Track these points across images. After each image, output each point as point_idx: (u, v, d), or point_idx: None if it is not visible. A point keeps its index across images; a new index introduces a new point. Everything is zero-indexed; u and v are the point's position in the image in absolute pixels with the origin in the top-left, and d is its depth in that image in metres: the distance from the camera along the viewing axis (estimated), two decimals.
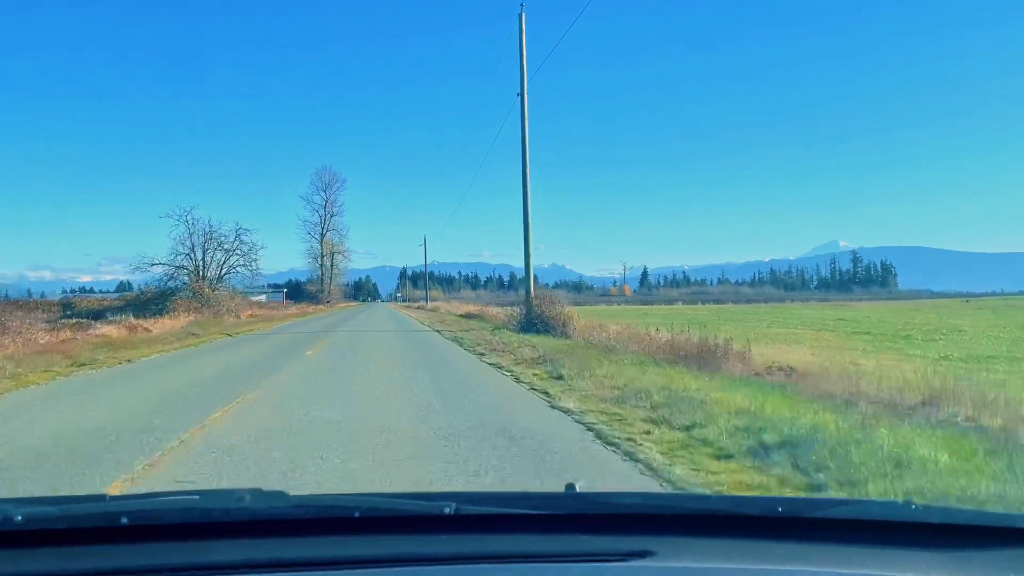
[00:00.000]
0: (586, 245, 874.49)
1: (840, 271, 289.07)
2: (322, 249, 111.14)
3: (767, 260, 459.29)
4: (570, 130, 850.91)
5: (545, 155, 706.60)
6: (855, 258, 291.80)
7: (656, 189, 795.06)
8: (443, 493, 1.90)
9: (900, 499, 3.83)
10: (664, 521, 1.70)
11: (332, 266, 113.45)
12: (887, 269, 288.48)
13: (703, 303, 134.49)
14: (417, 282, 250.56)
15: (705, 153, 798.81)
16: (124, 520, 1.52)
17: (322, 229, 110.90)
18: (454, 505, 1.61)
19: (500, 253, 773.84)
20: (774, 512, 1.72)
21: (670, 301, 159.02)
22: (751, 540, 1.63)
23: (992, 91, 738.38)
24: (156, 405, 10.28)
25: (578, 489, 1.93)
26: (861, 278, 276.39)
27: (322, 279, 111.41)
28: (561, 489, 1.93)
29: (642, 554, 1.55)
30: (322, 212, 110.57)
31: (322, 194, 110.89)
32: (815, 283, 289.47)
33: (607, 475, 6.01)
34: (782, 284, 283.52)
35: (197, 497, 1.68)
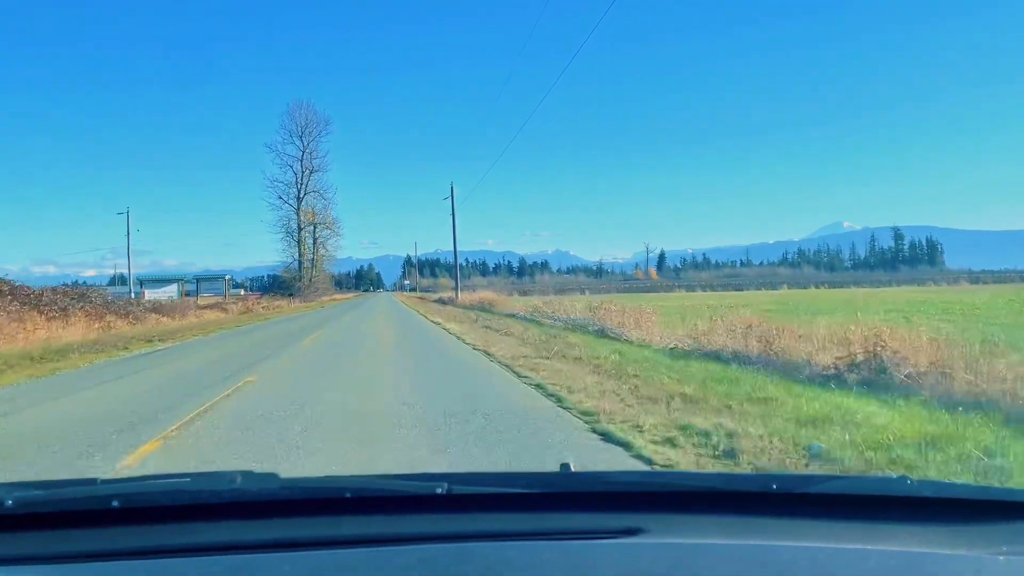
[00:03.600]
0: (588, 230, 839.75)
1: (881, 249, 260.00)
2: (299, 219, 76.55)
3: (772, 242, 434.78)
4: (569, 114, 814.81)
5: (548, 139, 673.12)
6: (897, 236, 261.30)
7: (655, 172, 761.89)
8: (435, 474, 1.71)
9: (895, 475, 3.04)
10: (657, 498, 1.66)
11: (316, 243, 78.96)
12: (933, 247, 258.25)
13: (744, 288, 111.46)
14: (423, 270, 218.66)
15: (703, 135, 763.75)
16: (115, 503, 1.49)
17: (298, 191, 76.39)
18: (446, 485, 1.56)
19: (504, 241, 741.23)
20: (768, 488, 1.65)
21: (705, 286, 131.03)
22: (744, 516, 1.57)
23: (996, 65, 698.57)
24: None
25: (572, 468, 1.86)
26: (906, 257, 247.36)
27: (300, 263, 76.86)
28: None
29: (634, 531, 1.50)
30: (298, 168, 76.16)
31: (297, 142, 76.54)
32: (848, 263, 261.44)
33: None
34: (822, 265, 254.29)
35: (188, 480, 1.63)
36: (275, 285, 77.77)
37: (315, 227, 77.52)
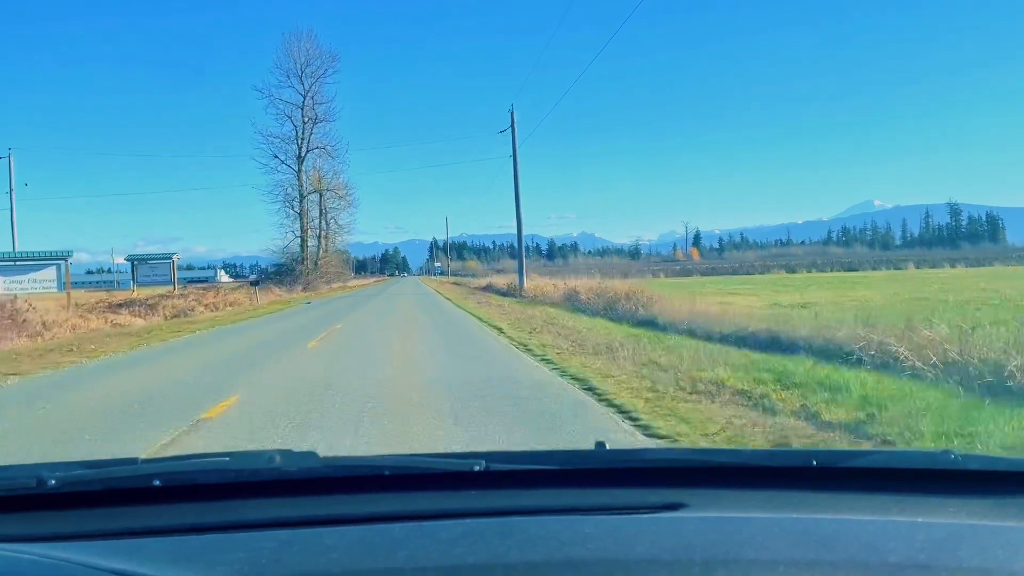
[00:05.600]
0: (613, 212, 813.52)
1: (937, 227, 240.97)
2: (300, 184, 57.69)
3: (801, 222, 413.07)
4: (597, 96, 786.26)
5: (574, 120, 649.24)
6: (954, 212, 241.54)
7: (682, 154, 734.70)
8: (472, 452, 1.67)
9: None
10: (696, 474, 1.61)
11: (322, 215, 60.25)
12: (994, 222, 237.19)
13: (801, 268, 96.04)
14: (450, 253, 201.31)
15: (729, 115, 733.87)
16: (156, 482, 1.48)
17: (299, 148, 57.54)
18: (483, 462, 1.54)
19: (530, 224, 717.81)
20: (807, 464, 1.62)
21: (763, 268, 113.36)
22: (785, 491, 1.55)
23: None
24: None
25: (608, 447, 1.82)
26: (965, 233, 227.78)
27: (302, 240, 58.11)
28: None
29: (674, 506, 1.47)
30: (298, 118, 57.32)
31: (298, 84, 57.69)
32: (898, 241, 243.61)
33: None
34: (876, 243, 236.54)
35: (228, 459, 1.60)
36: (280, 271, 59.09)
37: (321, 194, 58.79)
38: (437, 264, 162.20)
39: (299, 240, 57.44)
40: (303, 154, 56.89)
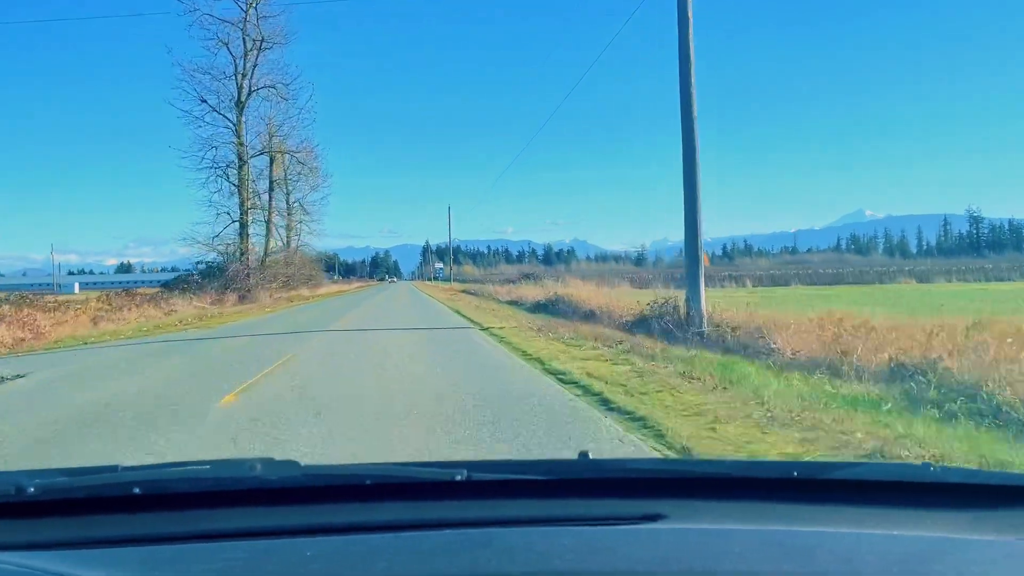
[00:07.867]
0: (603, 217, 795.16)
1: (958, 235, 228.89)
2: (240, 141, 37.63)
3: (793, 231, 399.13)
4: (587, 99, 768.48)
5: (558, 127, 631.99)
6: (973, 220, 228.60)
7: (665, 158, 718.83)
8: (455, 462, 1.65)
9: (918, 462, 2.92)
10: (677, 485, 1.60)
11: (276, 190, 40.58)
12: (1016, 231, 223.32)
13: (872, 279, 79.96)
14: (443, 257, 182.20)
15: (724, 118, 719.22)
16: (136, 490, 1.46)
17: (238, 89, 37.65)
18: (465, 472, 1.51)
19: (522, 229, 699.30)
20: (788, 475, 1.60)
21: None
22: (765, 503, 1.53)
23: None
24: None
25: (591, 456, 1.80)
26: (987, 241, 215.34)
27: (242, 225, 38.05)
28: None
29: (654, 517, 1.45)
30: (238, 43, 37.25)
31: None
32: (913, 251, 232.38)
33: None
34: (894, 251, 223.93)
35: (208, 467, 1.58)
36: (208, 272, 38.96)
37: (273, 159, 38.89)
38: (438, 266, 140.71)
39: (238, 225, 37.55)
40: (244, 97, 36.85)
